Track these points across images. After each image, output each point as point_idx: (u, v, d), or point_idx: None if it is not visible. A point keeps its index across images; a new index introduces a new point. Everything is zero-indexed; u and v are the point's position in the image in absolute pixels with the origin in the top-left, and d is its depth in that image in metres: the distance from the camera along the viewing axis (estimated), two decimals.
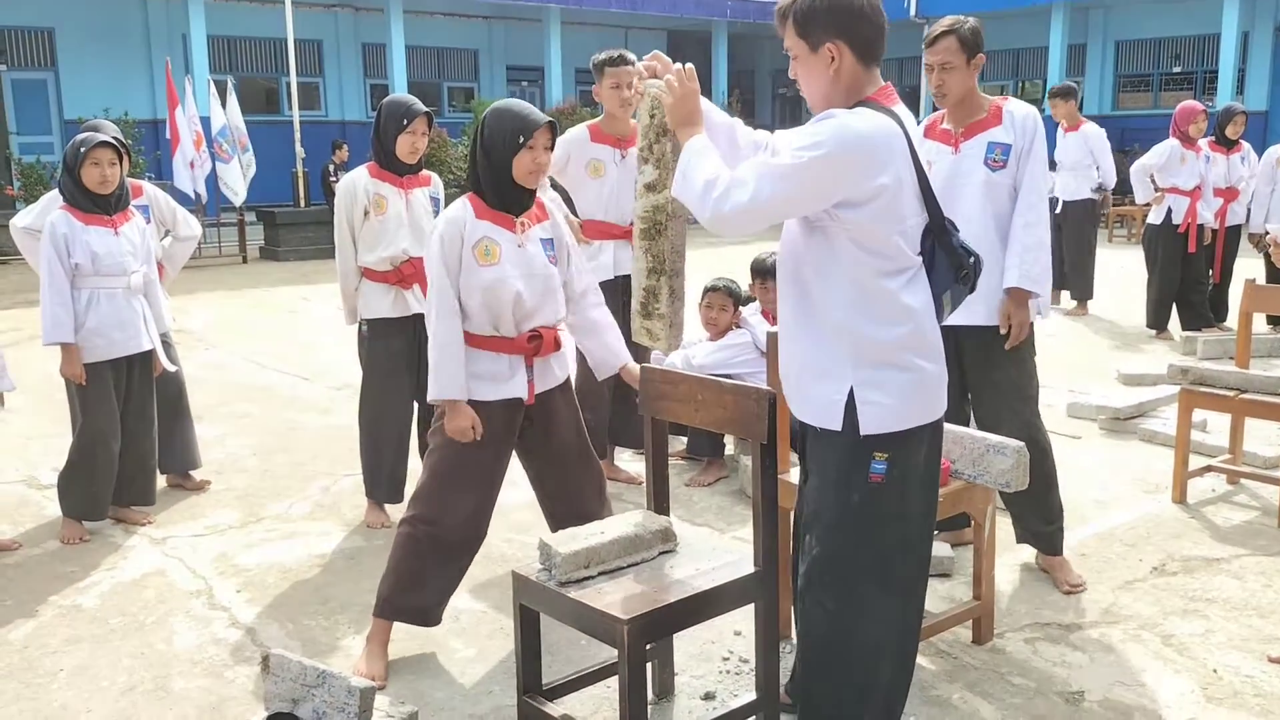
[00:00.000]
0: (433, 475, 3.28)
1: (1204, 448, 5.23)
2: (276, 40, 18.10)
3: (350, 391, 6.76)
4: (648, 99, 2.61)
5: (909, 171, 2.32)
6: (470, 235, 3.23)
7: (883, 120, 2.30)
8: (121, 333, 4.33)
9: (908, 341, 2.37)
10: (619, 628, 2.44)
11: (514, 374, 3.31)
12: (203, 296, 11.31)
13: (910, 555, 2.49)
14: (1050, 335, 8.44)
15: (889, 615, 2.47)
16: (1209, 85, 19.71)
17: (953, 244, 2.40)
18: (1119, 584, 3.85)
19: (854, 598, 2.44)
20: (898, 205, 2.31)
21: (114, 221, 4.34)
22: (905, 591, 2.50)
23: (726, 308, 4.56)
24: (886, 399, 2.37)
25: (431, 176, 4.53)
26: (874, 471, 2.38)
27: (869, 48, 2.37)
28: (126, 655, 3.42)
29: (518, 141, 3.20)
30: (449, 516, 3.26)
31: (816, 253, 2.39)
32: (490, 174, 3.26)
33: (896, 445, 2.39)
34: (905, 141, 2.32)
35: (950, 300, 2.47)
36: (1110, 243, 15.51)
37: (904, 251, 2.35)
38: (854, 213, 2.29)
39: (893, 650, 2.50)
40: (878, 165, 2.26)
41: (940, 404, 2.47)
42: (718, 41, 23.39)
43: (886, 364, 2.37)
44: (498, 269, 3.23)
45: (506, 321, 3.27)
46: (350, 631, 3.57)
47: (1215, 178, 8.33)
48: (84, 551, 4.29)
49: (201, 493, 4.93)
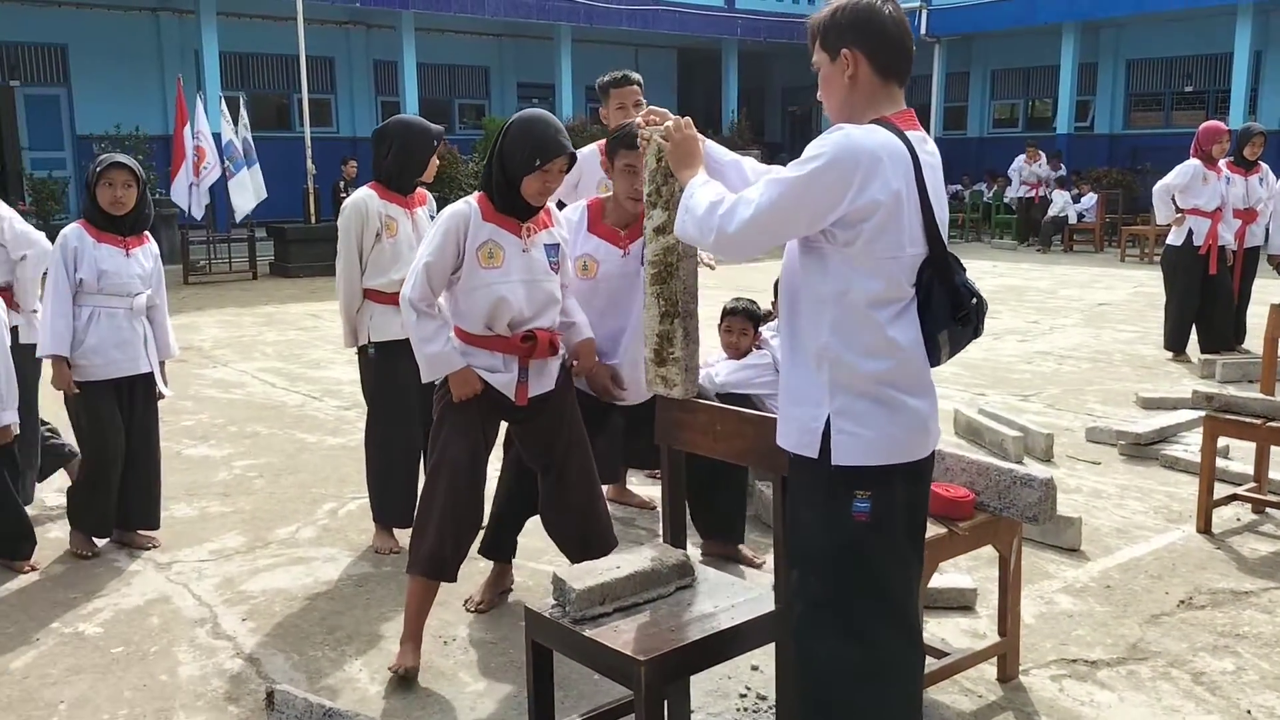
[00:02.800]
0: (437, 424, 3.38)
1: (1227, 475, 5.12)
2: (289, 57, 18.12)
3: (359, 411, 6.69)
4: (653, 144, 2.68)
5: (911, 197, 2.24)
6: (475, 235, 3.22)
7: (889, 138, 2.24)
8: (121, 353, 4.29)
9: (891, 376, 2.27)
10: (637, 669, 2.36)
11: (506, 369, 3.33)
12: (212, 313, 11.28)
13: (906, 580, 2.37)
14: (1066, 358, 8.36)
15: (893, 654, 2.35)
16: (1221, 104, 19.60)
17: (954, 282, 2.31)
18: (1145, 618, 3.75)
19: (863, 638, 2.33)
20: (895, 230, 2.22)
21: (127, 243, 4.32)
22: (907, 630, 2.38)
23: (747, 331, 4.48)
24: (864, 431, 2.27)
25: (426, 194, 4.53)
26: (857, 510, 2.29)
27: (888, 62, 2.32)
28: (128, 687, 3.34)
29: (533, 164, 3.18)
30: (449, 453, 3.31)
31: (809, 276, 2.34)
32: (502, 183, 3.28)
33: (876, 482, 2.28)
34: (911, 166, 2.24)
35: (948, 341, 2.32)
36: (1123, 263, 15.42)
37: (898, 282, 2.26)
38: (849, 232, 2.22)
39: (900, 691, 2.38)
40: (875, 179, 2.18)
41: (925, 443, 2.35)
42: (728, 59, 23.37)
43: (866, 396, 2.27)
44: (500, 273, 3.24)
45: (502, 324, 3.30)
46: (358, 662, 3.49)
47: (1234, 199, 8.24)
48: (87, 577, 4.22)
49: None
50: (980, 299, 2.35)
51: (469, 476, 3.34)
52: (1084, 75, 21.40)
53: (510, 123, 3.28)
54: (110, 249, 4.27)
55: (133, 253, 4.33)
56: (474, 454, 3.35)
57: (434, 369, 3.30)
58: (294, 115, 20.05)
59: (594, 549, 3.36)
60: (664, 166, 2.65)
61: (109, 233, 4.28)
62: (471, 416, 3.32)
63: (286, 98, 20.58)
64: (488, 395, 3.32)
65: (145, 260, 4.38)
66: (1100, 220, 17.47)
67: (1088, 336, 9.42)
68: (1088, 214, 17.65)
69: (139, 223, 4.37)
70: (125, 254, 4.30)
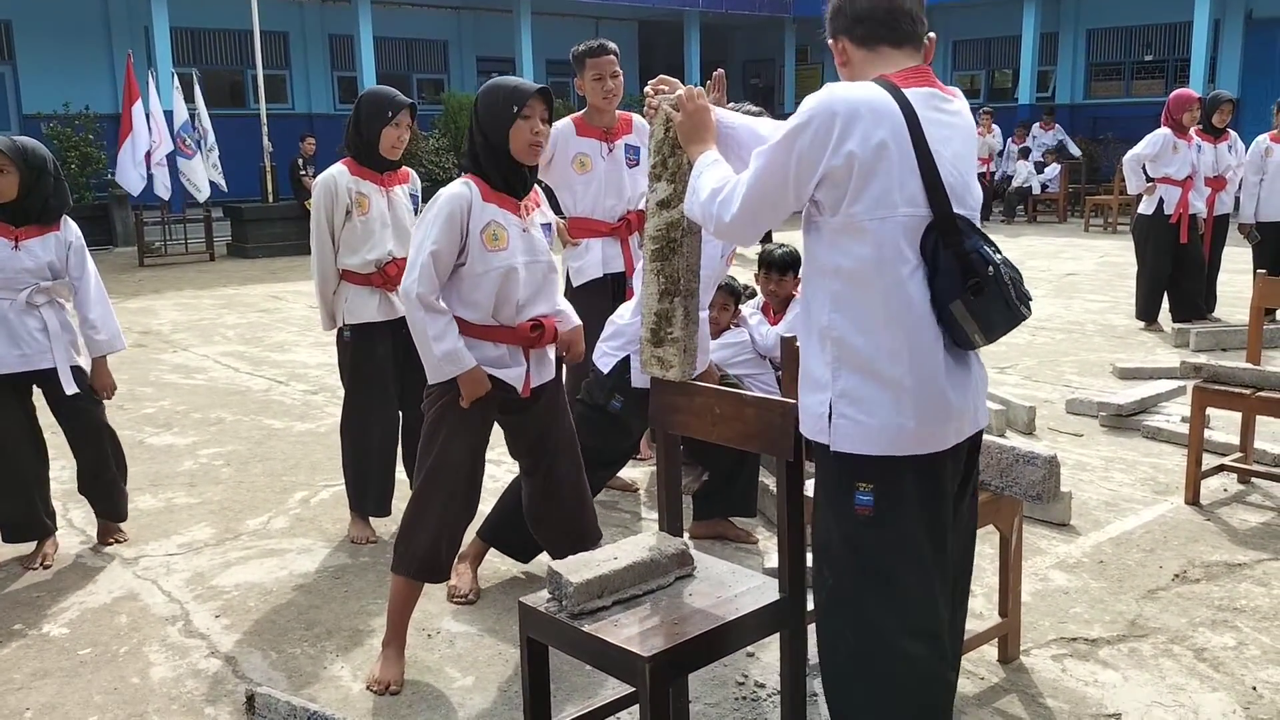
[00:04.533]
0: (434, 422, 3.18)
1: (1210, 444, 5.10)
2: (242, 32, 17.67)
3: (327, 395, 6.54)
4: (661, 114, 2.54)
5: (902, 152, 2.08)
6: (478, 217, 3.07)
7: (873, 92, 2.11)
8: (11, 348, 3.96)
9: (897, 355, 2.10)
10: (640, 665, 2.24)
11: (513, 361, 3.19)
12: (170, 296, 11.00)
13: (923, 579, 2.20)
14: (1040, 329, 8.34)
15: (908, 654, 2.21)
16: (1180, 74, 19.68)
17: (964, 247, 2.11)
18: (1142, 593, 3.70)
19: (874, 629, 2.22)
20: (881, 188, 2.07)
21: (17, 234, 3.97)
22: (924, 633, 2.21)
23: (728, 306, 4.39)
24: (865, 417, 2.13)
25: (410, 173, 4.32)
26: (859, 504, 2.16)
27: (868, 31, 2.24)
28: (98, 691, 3.19)
29: (511, 111, 3.07)
30: (450, 455, 3.14)
31: (810, 251, 2.24)
32: (489, 153, 3.12)
33: (880, 474, 2.14)
34: (902, 120, 2.09)
35: (971, 316, 2.10)
36: (1087, 233, 15.48)
37: (896, 247, 2.10)
38: (834, 194, 2.10)
39: (915, 692, 2.25)
40: (853, 133, 2.06)
41: (942, 435, 2.16)
42: (690, 32, 23.15)
43: (872, 378, 2.12)
44: (506, 254, 3.10)
45: (508, 310, 3.15)
46: (337, 659, 3.35)
47: (1204, 166, 8.23)
48: (51, 574, 4.04)
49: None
50: (1000, 268, 2.12)
51: (468, 480, 3.19)
52: (1045, 45, 21.41)
53: (476, 97, 3.17)
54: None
55: (24, 244, 3.97)
56: (474, 454, 3.20)
57: (443, 369, 3.07)
58: (249, 92, 19.62)
59: (583, 546, 3.24)
60: (671, 137, 2.50)
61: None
62: (473, 414, 3.15)
63: (241, 74, 20.11)
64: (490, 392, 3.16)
65: (43, 253, 4.01)
66: (1064, 190, 17.53)
67: (1058, 307, 9.41)
68: (1051, 184, 17.70)
69: (30, 213, 3.99)
70: (13, 246, 3.95)
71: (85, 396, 4.13)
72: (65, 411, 4.15)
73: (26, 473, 4.12)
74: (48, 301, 4.06)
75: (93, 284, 4.15)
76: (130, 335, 8.65)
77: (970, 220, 2.18)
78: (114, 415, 4.53)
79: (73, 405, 4.12)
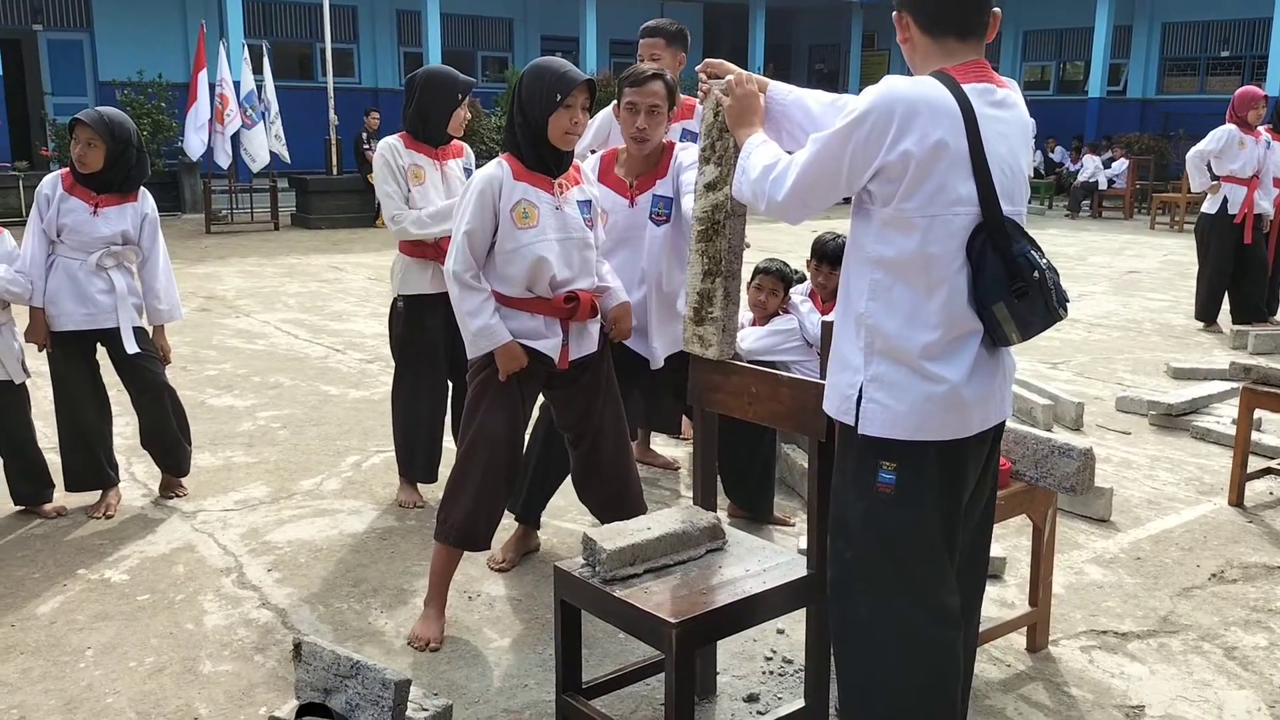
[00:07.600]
0: (476, 395, 3.28)
1: (1259, 447, 5.06)
2: (312, 5, 17.98)
3: (382, 365, 6.70)
4: (711, 98, 2.59)
5: (959, 152, 2.10)
6: (508, 196, 3.16)
7: (933, 89, 2.12)
8: (79, 306, 4.16)
9: (932, 348, 2.15)
10: (668, 631, 2.33)
11: (550, 333, 3.26)
12: (234, 263, 11.28)
13: (935, 562, 2.26)
14: (1096, 326, 8.26)
15: (920, 630, 2.26)
16: (1258, 71, 19.22)
17: (1011, 251, 2.13)
18: (1177, 591, 3.70)
19: (887, 603, 2.27)
20: (936, 187, 2.09)
21: (98, 201, 4.17)
22: (936, 609, 2.26)
23: (777, 291, 4.42)
24: (895, 403, 2.18)
25: (464, 147, 4.41)
26: (881, 481, 2.21)
27: (935, 14, 2.22)
28: (155, 635, 3.35)
29: (554, 99, 3.13)
30: (489, 426, 3.23)
31: (856, 237, 2.27)
32: (527, 133, 3.20)
33: (904, 455, 2.19)
34: (960, 119, 2.10)
35: (1011, 317, 2.14)
36: (1153, 230, 15.22)
37: (944, 246, 2.12)
38: (887, 188, 2.13)
39: (927, 665, 2.29)
40: (912, 130, 2.08)
41: (964, 423, 2.20)
42: (755, 15, 23.05)
43: (904, 365, 2.17)
44: (536, 231, 3.18)
45: (542, 285, 3.23)
46: (382, 615, 3.49)
47: (1272, 166, 8.07)
48: (113, 524, 4.23)
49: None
50: (1045, 273, 2.15)
51: (508, 451, 3.28)
52: (1118, 38, 21.00)
53: (523, 73, 3.23)
54: (78, 203, 4.15)
55: (102, 212, 4.17)
56: (513, 427, 3.28)
57: (480, 344, 3.19)
58: (316, 65, 19.90)
59: (627, 515, 3.32)
60: (720, 121, 2.56)
61: (82, 187, 4.17)
62: (511, 388, 3.25)
63: (309, 47, 20.42)
64: (529, 364, 3.25)
65: (118, 221, 4.21)
66: (1131, 186, 17.24)
67: (1117, 305, 9.30)
68: (1118, 180, 17.41)
69: (112, 183, 4.19)
70: (93, 212, 4.16)
71: (146, 356, 4.32)
72: (128, 370, 4.34)
73: (88, 425, 4.31)
74: (116, 265, 4.26)
75: (161, 257, 4.38)
76: (195, 300, 8.91)
77: (1017, 223, 2.19)
78: (177, 376, 4.72)
79: (134, 364, 4.31)
